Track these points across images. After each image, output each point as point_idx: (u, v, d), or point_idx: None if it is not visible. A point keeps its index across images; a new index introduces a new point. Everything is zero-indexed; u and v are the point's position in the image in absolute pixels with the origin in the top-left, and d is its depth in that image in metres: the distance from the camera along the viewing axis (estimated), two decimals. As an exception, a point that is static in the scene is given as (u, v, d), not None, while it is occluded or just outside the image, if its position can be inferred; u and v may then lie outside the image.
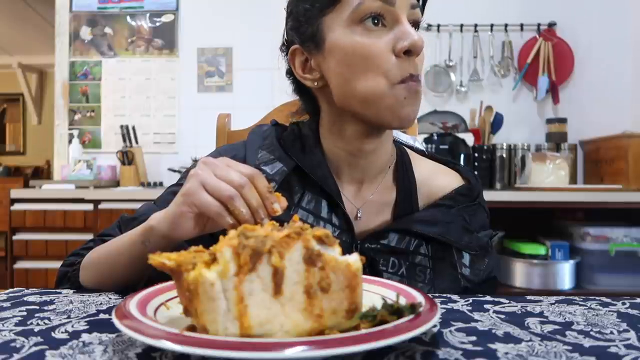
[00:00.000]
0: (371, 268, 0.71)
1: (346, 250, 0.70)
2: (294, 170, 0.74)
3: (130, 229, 0.67)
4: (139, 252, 0.60)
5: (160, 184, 2.61)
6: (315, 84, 0.71)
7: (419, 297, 0.48)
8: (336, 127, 0.73)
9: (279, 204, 0.55)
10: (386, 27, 0.65)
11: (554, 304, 0.60)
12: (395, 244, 0.72)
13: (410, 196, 0.77)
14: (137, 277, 0.64)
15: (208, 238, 0.59)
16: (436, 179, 0.78)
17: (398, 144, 0.82)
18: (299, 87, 0.77)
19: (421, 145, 0.88)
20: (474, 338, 0.46)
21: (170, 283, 0.50)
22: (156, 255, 0.42)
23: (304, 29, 0.70)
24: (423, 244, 0.73)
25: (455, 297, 0.63)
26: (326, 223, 0.73)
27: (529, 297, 0.63)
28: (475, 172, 0.83)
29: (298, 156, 0.75)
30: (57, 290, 0.66)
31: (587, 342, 0.45)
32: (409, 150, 0.82)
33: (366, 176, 0.76)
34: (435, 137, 2.36)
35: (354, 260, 0.42)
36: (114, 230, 0.75)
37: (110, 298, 0.62)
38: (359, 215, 0.75)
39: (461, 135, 2.39)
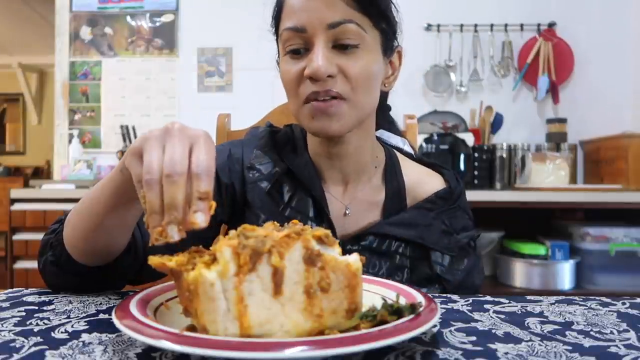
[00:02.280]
0: None
1: None
2: (286, 171, 0.78)
3: None
4: (119, 182, 0.54)
5: (160, 184, 2.61)
6: None
7: (419, 297, 0.48)
8: (311, 137, 0.79)
9: (204, 215, 0.44)
10: (309, 51, 0.69)
11: (554, 304, 0.60)
12: (376, 246, 0.75)
13: (399, 197, 0.79)
14: (122, 220, 0.59)
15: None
16: (422, 182, 0.81)
17: (388, 147, 0.85)
18: None
19: (410, 149, 0.91)
20: (474, 338, 0.46)
21: (170, 283, 0.50)
22: (156, 257, 0.42)
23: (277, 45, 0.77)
24: (402, 245, 0.76)
25: (455, 297, 0.63)
26: (313, 222, 0.76)
27: (529, 297, 0.63)
28: (458, 174, 0.85)
29: (288, 157, 0.79)
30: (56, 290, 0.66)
31: (587, 342, 0.45)
32: (397, 153, 0.85)
33: (349, 177, 0.79)
34: (435, 137, 2.36)
35: (354, 260, 0.43)
36: None
37: (110, 298, 0.62)
38: (347, 212, 0.78)
39: (461, 135, 2.39)
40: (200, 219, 0.43)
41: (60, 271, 0.64)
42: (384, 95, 0.85)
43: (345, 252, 0.73)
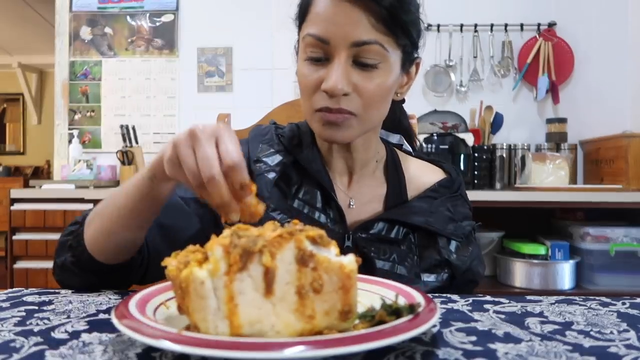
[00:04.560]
0: (363, 257, 0.75)
1: (339, 239, 0.74)
2: (292, 163, 0.80)
3: None
4: (146, 189, 0.60)
5: (160, 184, 2.60)
6: None
7: (418, 297, 0.48)
8: None
9: (261, 205, 0.51)
10: (328, 61, 0.69)
11: (554, 304, 0.60)
12: (385, 234, 0.78)
13: (400, 190, 0.82)
14: (145, 220, 0.65)
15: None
16: (422, 175, 0.85)
17: (389, 145, 0.88)
18: None
19: (408, 147, 0.96)
20: (474, 338, 0.46)
21: (170, 283, 0.50)
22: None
23: (298, 38, 0.77)
24: (410, 233, 0.79)
25: (455, 297, 0.63)
26: (320, 213, 0.78)
27: (529, 297, 0.63)
28: (457, 168, 0.90)
29: (295, 151, 0.81)
30: (56, 290, 0.66)
31: (587, 342, 0.45)
32: (398, 151, 0.89)
33: (353, 169, 0.82)
34: (435, 137, 2.36)
35: (348, 261, 0.42)
36: None
37: (110, 298, 0.62)
38: (351, 204, 0.80)
39: (461, 135, 2.39)
40: (261, 209, 0.50)
41: (80, 271, 0.67)
42: (400, 102, 0.88)
43: (355, 240, 0.76)
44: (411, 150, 0.94)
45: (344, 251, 0.74)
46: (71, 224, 0.72)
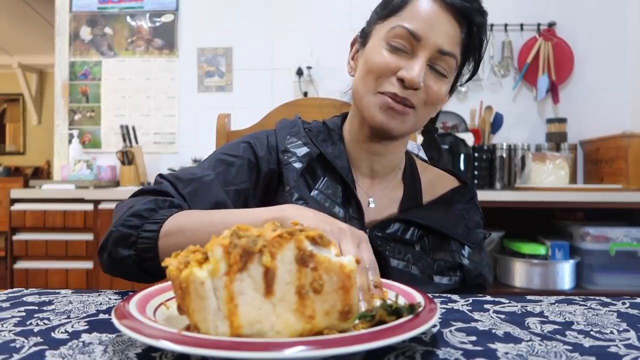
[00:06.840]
0: (378, 255, 0.76)
1: None
2: (318, 156, 0.83)
3: (191, 190, 0.73)
4: None
5: (160, 184, 2.60)
6: (351, 72, 0.84)
7: (418, 297, 0.48)
8: (356, 126, 0.83)
9: (379, 301, 0.49)
10: (408, 54, 0.74)
11: (554, 304, 0.60)
12: (400, 234, 0.80)
13: (416, 194, 0.86)
14: None
15: None
16: (438, 181, 0.89)
17: (408, 152, 0.92)
18: None
19: (424, 156, 1.01)
20: (474, 338, 0.46)
21: (170, 282, 0.50)
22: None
23: (365, 27, 0.83)
24: (424, 235, 0.81)
25: (455, 297, 0.63)
26: (340, 208, 0.80)
27: (529, 297, 0.63)
28: (472, 178, 0.94)
29: (322, 145, 0.83)
30: (56, 290, 0.66)
31: (587, 342, 0.45)
32: (415, 158, 0.93)
33: (377, 174, 0.85)
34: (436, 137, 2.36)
35: (348, 261, 0.42)
36: (168, 188, 0.75)
37: (110, 298, 0.62)
38: (370, 204, 0.83)
39: (461, 135, 2.39)
40: (378, 303, 0.49)
41: (139, 270, 0.67)
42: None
43: (371, 238, 0.77)
44: (426, 159, 0.98)
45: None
46: (134, 215, 0.68)
